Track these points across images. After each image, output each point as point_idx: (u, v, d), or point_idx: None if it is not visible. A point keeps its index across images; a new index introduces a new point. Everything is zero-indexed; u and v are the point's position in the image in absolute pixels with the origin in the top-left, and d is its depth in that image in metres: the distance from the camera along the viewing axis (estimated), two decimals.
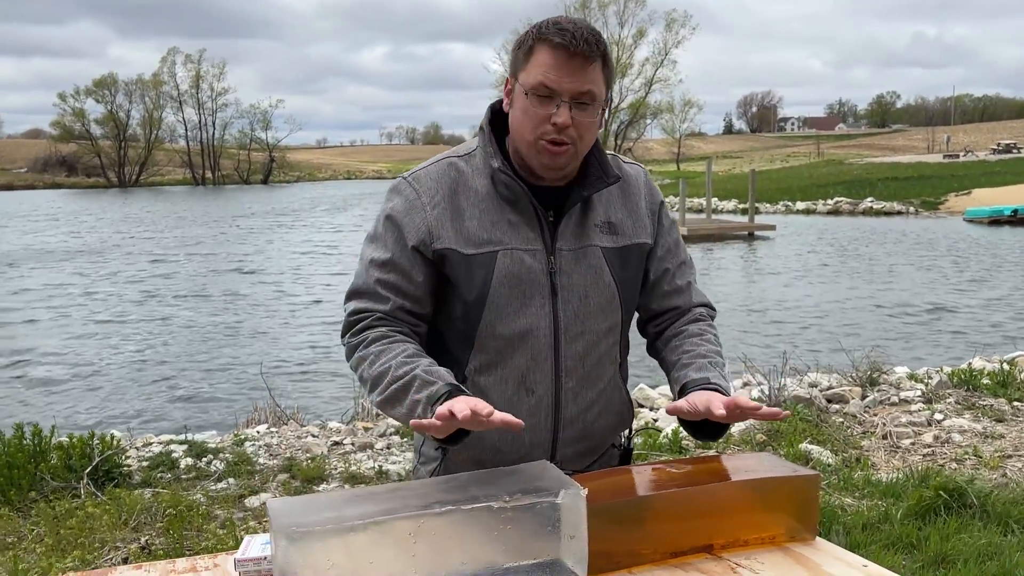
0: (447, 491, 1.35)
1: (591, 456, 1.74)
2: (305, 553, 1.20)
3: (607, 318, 1.67)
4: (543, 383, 1.64)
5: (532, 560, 1.31)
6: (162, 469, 4.56)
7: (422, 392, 1.49)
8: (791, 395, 5.70)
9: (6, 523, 3.79)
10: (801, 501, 1.47)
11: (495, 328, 1.61)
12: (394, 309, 1.62)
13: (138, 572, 1.42)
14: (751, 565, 1.37)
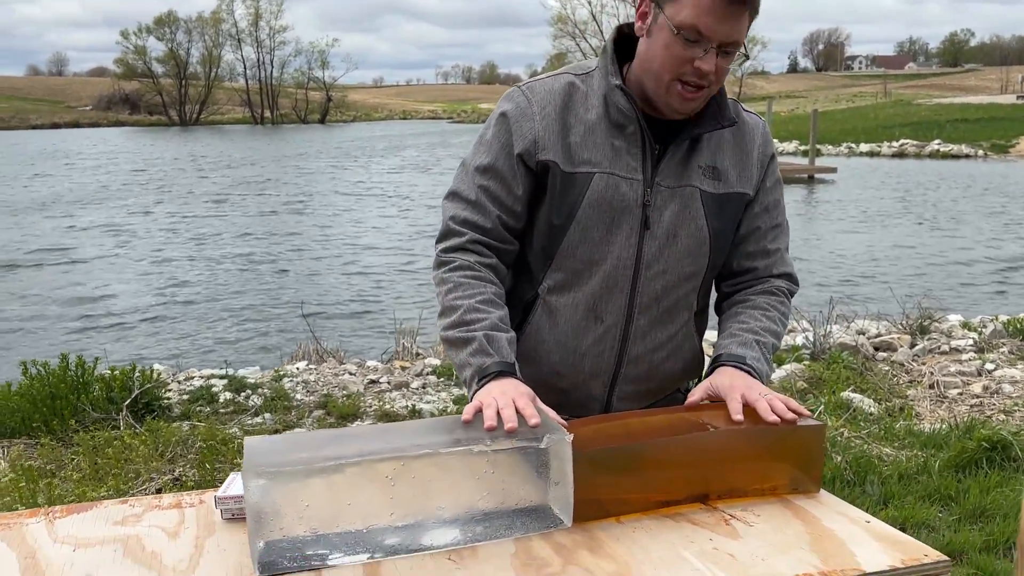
0: (430, 433, 1.31)
1: (651, 398, 1.69)
2: (277, 493, 1.17)
3: (693, 263, 1.61)
4: (614, 314, 1.59)
5: (515, 505, 1.27)
6: (201, 403, 4.63)
7: (475, 359, 1.47)
8: (836, 342, 5.57)
9: (48, 451, 3.90)
10: (805, 452, 1.40)
11: (576, 249, 1.57)
12: (495, 226, 1.58)
13: (123, 506, 1.41)
14: (745, 517, 1.31)
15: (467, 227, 1.58)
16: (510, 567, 1.18)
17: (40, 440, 4.01)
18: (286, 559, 1.18)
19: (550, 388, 1.61)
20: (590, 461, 1.29)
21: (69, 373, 4.41)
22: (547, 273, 1.61)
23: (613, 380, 1.63)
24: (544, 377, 1.61)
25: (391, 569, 1.18)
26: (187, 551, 1.25)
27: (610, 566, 1.17)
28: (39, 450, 3.94)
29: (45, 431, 4.09)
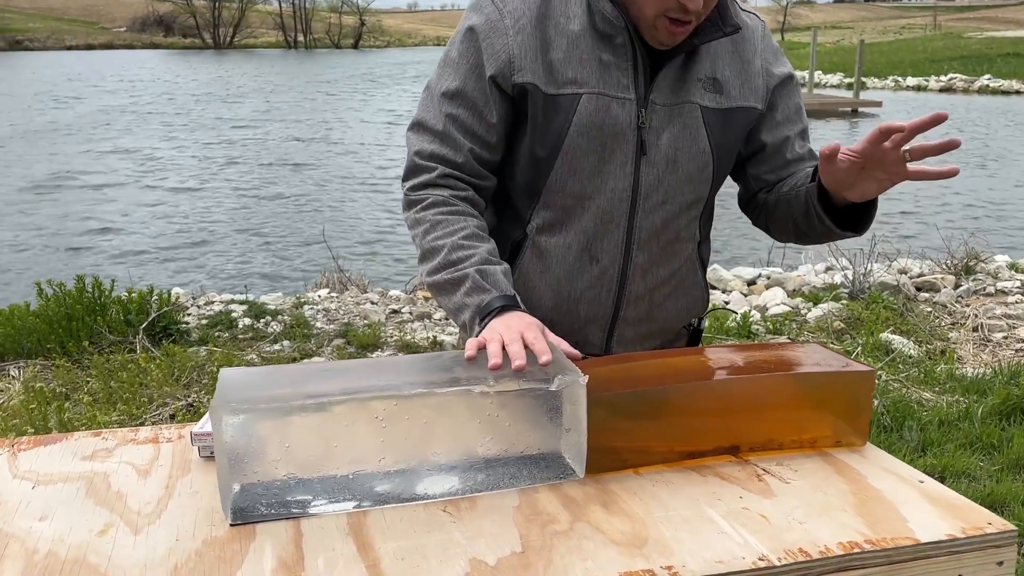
0: (427, 371, 1.17)
1: (653, 340, 1.54)
2: (252, 433, 1.04)
3: (694, 189, 1.44)
4: (610, 253, 1.43)
5: (522, 452, 1.13)
6: (220, 328, 4.55)
7: (472, 298, 1.32)
8: (877, 281, 5.35)
9: (62, 373, 3.84)
10: (851, 400, 1.24)
11: (566, 183, 1.40)
12: (467, 160, 1.41)
13: (96, 439, 1.30)
14: (781, 473, 1.16)
15: (435, 161, 1.41)
16: (512, 522, 1.04)
17: (55, 362, 3.95)
18: (262, 505, 1.06)
19: None
20: (607, 406, 1.15)
21: (86, 295, 4.33)
22: (534, 211, 1.44)
23: (612, 324, 1.47)
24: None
25: (378, 519, 1.05)
26: (156, 492, 1.13)
27: (624, 524, 1.03)
28: (54, 372, 3.89)
29: (60, 353, 4.03)
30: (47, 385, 3.74)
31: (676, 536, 1.00)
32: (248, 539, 1.01)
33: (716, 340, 4.36)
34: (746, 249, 7.57)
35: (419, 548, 0.98)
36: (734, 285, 5.68)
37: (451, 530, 1.02)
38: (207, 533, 1.02)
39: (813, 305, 5.10)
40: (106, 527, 1.04)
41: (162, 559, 0.97)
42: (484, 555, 0.97)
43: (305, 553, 0.98)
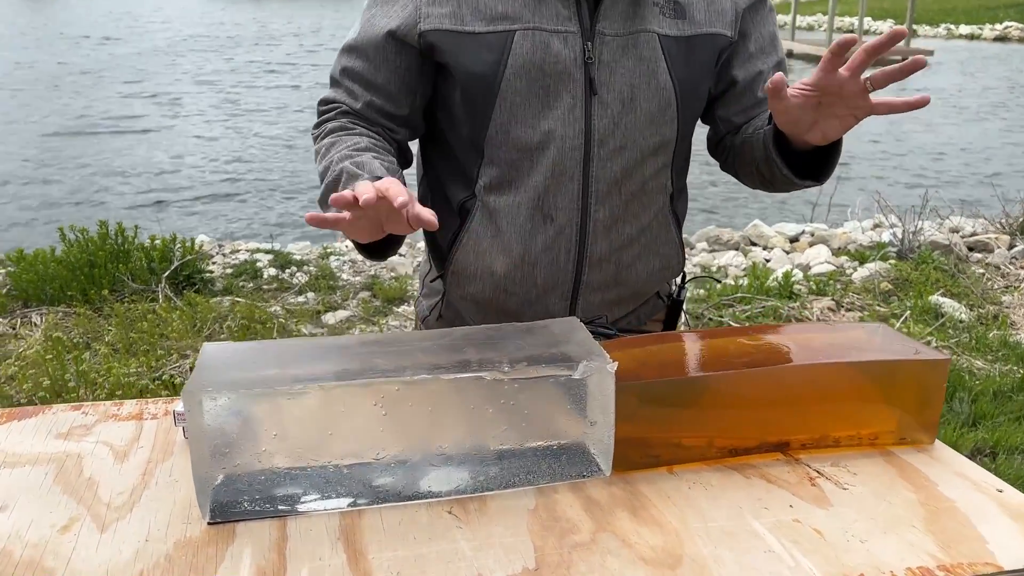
0: (434, 350, 1.03)
1: (625, 306, 1.39)
2: (230, 420, 0.91)
3: (657, 131, 1.27)
4: (566, 210, 1.27)
5: (541, 444, 0.99)
6: (244, 278, 4.46)
7: (347, 187, 1.17)
8: (928, 240, 5.11)
9: (83, 322, 3.77)
10: (920, 392, 1.09)
11: (508, 133, 1.24)
12: (365, 109, 1.30)
13: (75, 413, 1.18)
14: (837, 475, 1.02)
15: (335, 105, 1.32)
16: (526, 530, 0.91)
17: (76, 310, 3.88)
18: (246, 501, 0.93)
19: (499, 309, 1.33)
20: (638, 395, 1.00)
21: (108, 241, 4.25)
22: (480, 169, 1.29)
23: (574, 291, 1.32)
24: (490, 296, 1.33)
25: (374, 522, 0.92)
26: (131, 480, 1.01)
27: (655, 537, 0.89)
28: (75, 320, 3.82)
29: (82, 301, 3.96)
30: (67, 334, 3.68)
31: (716, 554, 0.86)
32: (226, 542, 0.89)
33: (755, 300, 4.19)
34: (790, 203, 7.33)
35: (418, 559, 0.86)
36: (776, 242, 5.47)
37: (456, 538, 0.89)
38: (181, 533, 0.90)
39: (859, 264, 4.89)
40: (70, 522, 0.92)
41: (126, 564, 0.85)
42: (491, 571, 0.84)
43: (288, 561, 0.85)
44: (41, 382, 3.07)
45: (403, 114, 1.32)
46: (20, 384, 3.13)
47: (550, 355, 1.00)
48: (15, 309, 4.08)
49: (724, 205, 7.58)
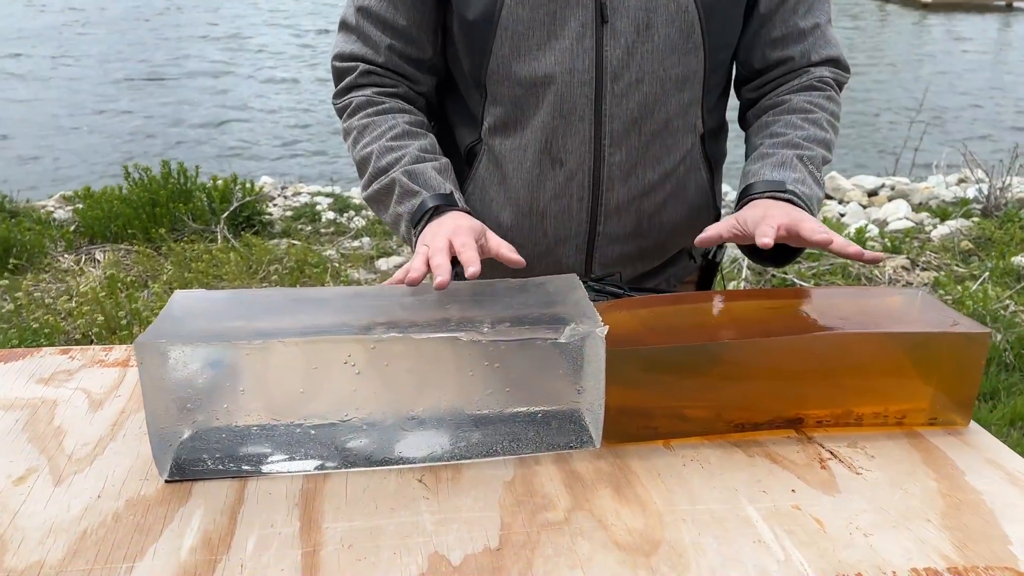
0: (415, 307, 0.96)
1: (649, 261, 1.29)
2: (196, 373, 0.86)
3: (680, 62, 1.15)
4: (576, 152, 1.17)
5: (526, 411, 0.92)
6: (303, 221, 4.46)
7: (403, 204, 1.13)
8: (1015, 197, 4.82)
9: (144, 260, 3.82)
10: (956, 369, 0.97)
11: (510, 67, 1.15)
12: (388, 59, 1.21)
13: (61, 357, 1.15)
14: (852, 458, 0.92)
15: (354, 63, 1.21)
16: (496, 503, 0.84)
17: (138, 248, 3.94)
18: (208, 460, 0.89)
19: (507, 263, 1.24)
20: (639, 362, 0.92)
21: (171, 181, 4.29)
22: (485, 109, 1.20)
23: (590, 243, 1.22)
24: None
25: (338, 488, 0.87)
26: (99, 430, 0.97)
27: (635, 519, 0.81)
28: (135, 258, 3.87)
29: (143, 239, 4.01)
30: (127, 272, 3.73)
31: (697, 542, 0.78)
32: (179, 502, 0.84)
33: (824, 257, 4.01)
34: (872, 154, 7.01)
35: (374, 532, 0.80)
36: (853, 195, 5.22)
37: (420, 509, 0.83)
38: (136, 490, 0.86)
39: (940, 221, 4.63)
40: (27, 473, 0.89)
41: (72, 522, 0.81)
42: (450, 549, 0.77)
43: (238, 527, 0.80)
44: (95, 319, 3.11)
45: (427, 57, 1.23)
46: (75, 320, 3.19)
47: (538, 316, 0.92)
48: (81, 245, 4.17)
49: None
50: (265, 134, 8.74)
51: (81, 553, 0.76)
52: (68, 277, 3.71)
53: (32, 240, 3.93)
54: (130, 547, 0.77)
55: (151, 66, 12.28)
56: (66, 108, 8.98)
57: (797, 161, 1.15)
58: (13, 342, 2.96)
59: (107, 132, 8.23)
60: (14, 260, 3.76)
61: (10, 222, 4.13)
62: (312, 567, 0.75)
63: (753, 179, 1.15)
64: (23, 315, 3.26)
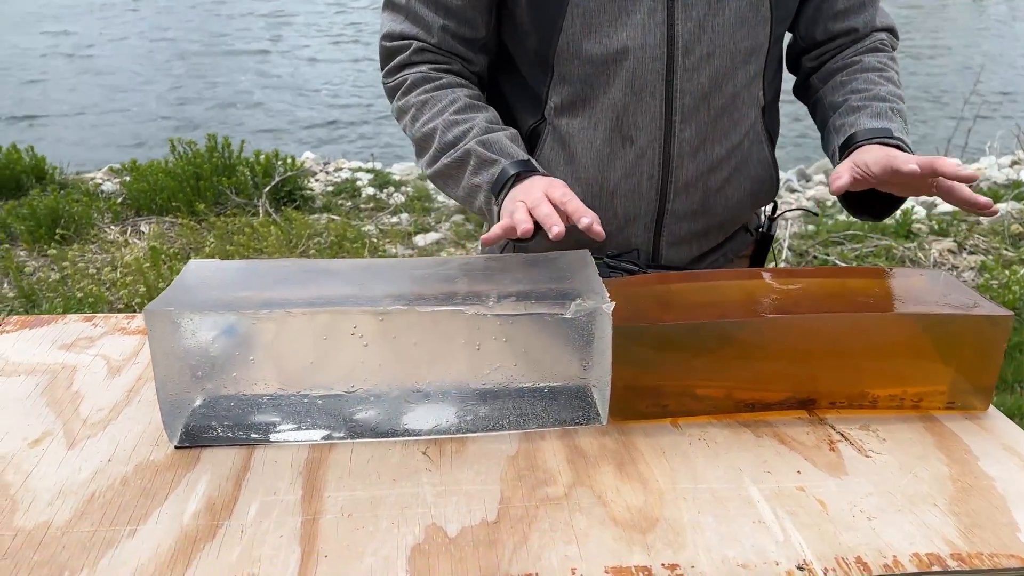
0: (424, 279, 0.96)
1: (712, 238, 1.27)
2: (196, 342, 0.87)
3: (749, 34, 1.13)
4: (647, 129, 1.15)
5: (530, 384, 0.92)
6: (344, 196, 4.49)
7: (481, 174, 1.10)
8: None
9: (187, 232, 3.88)
10: (976, 352, 0.95)
11: (580, 45, 1.12)
12: (442, 39, 1.18)
13: (85, 324, 1.18)
14: (863, 441, 0.90)
15: (406, 41, 1.19)
16: (498, 476, 0.84)
17: (181, 220, 4.00)
18: (218, 427, 0.90)
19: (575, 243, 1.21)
20: (649, 339, 0.91)
21: (215, 154, 4.34)
22: (550, 88, 1.17)
23: (658, 221, 1.20)
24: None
25: (342, 458, 0.87)
26: (115, 396, 0.99)
27: (635, 496, 0.81)
28: (178, 230, 3.94)
29: (187, 212, 4.07)
30: (171, 244, 3.79)
31: (696, 521, 0.77)
32: (187, 468, 0.86)
33: (868, 239, 3.93)
34: (921, 131, 6.84)
35: (373, 502, 0.80)
36: None
37: (421, 481, 0.83)
38: (145, 455, 0.88)
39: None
40: (42, 436, 0.91)
41: (81, 485, 0.83)
42: (447, 521, 0.78)
43: (241, 494, 0.81)
44: (138, 289, 3.17)
45: (480, 37, 1.21)
46: (118, 290, 3.25)
47: (545, 291, 0.91)
48: (127, 217, 4.24)
49: None
50: (308, 110, 8.79)
51: (87, 515, 0.78)
52: (113, 248, 3.78)
53: (80, 211, 4.01)
54: (135, 510, 0.79)
55: (197, 43, 12.39)
56: (114, 83, 9.11)
57: (891, 112, 1.14)
58: (58, 311, 3.03)
59: (155, 108, 8.35)
60: (62, 231, 3.85)
61: (59, 193, 4.22)
62: (310, 534, 0.76)
63: (853, 129, 1.13)
64: (69, 285, 3.34)
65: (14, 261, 3.55)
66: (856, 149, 1.10)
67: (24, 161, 4.56)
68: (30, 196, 4.23)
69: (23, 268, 3.59)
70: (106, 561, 0.72)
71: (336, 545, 0.74)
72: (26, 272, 3.56)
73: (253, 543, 0.74)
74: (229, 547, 0.74)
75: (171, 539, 0.75)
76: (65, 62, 10.32)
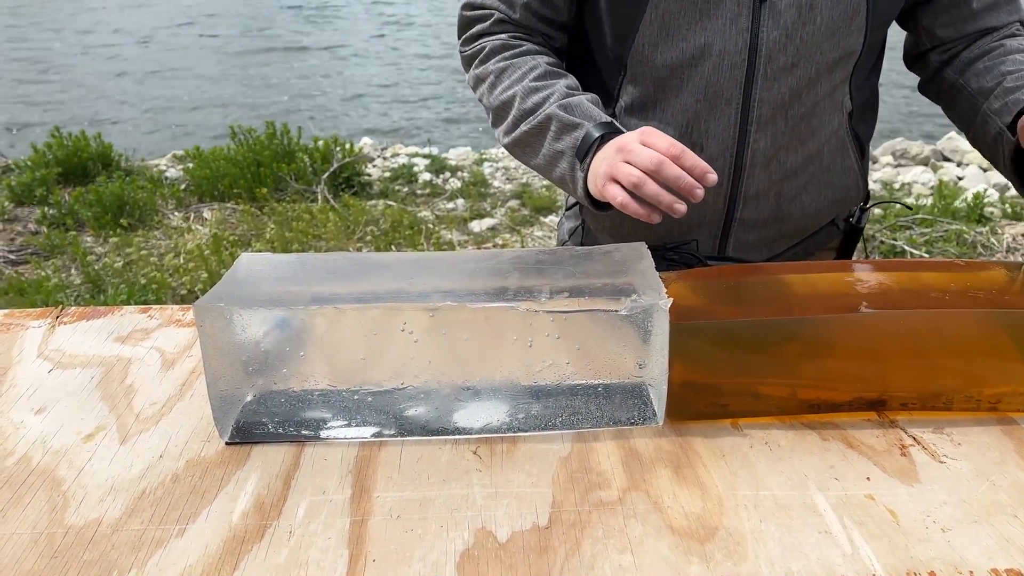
0: (475, 274, 0.94)
1: (787, 241, 1.22)
2: (247, 338, 0.86)
3: (839, 44, 1.07)
4: (720, 138, 1.10)
5: (583, 382, 0.89)
6: (400, 182, 4.49)
7: (563, 139, 1.06)
8: None
9: (247, 219, 3.92)
10: None
11: (656, 50, 1.08)
12: (524, 16, 1.15)
13: (140, 316, 1.18)
14: (936, 445, 0.86)
15: (486, 10, 1.16)
16: (550, 479, 0.82)
17: (242, 207, 4.04)
18: (269, 424, 0.89)
19: (638, 232, 1.18)
20: (709, 336, 0.88)
21: (275, 141, 4.38)
22: (621, 86, 1.12)
23: (725, 229, 1.15)
24: (628, 232, 1.18)
25: (392, 457, 0.86)
26: (169, 389, 0.99)
27: (692, 502, 0.78)
28: (239, 216, 3.98)
29: (247, 199, 4.12)
30: (233, 230, 3.84)
31: (758, 530, 0.74)
32: (237, 465, 0.85)
33: (938, 223, 3.80)
34: None
35: (423, 503, 0.78)
36: (972, 158, 4.93)
37: (471, 482, 0.81)
38: (197, 451, 0.87)
39: None
40: (95, 430, 0.91)
41: (132, 481, 0.82)
42: (498, 525, 0.75)
43: (291, 493, 0.80)
44: (200, 276, 3.22)
45: (561, 20, 1.18)
46: (181, 277, 3.30)
47: (600, 286, 0.88)
48: (191, 203, 4.31)
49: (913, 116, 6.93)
50: (367, 96, 8.82)
51: (137, 513, 0.77)
52: (176, 235, 3.84)
53: (144, 198, 4.08)
54: (184, 509, 0.78)
55: (253, 29, 12.53)
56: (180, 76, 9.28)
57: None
58: (122, 297, 3.08)
59: (219, 97, 8.48)
60: (126, 219, 3.92)
61: (124, 180, 4.30)
62: (358, 537, 0.74)
63: (1022, 105, 1.06)
64: (133, 271, 3.40)
65: (81, 247, 3.62)
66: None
67: (91, 148, 4.66)
68: (96, 183, 4.31)
69: (89, 254, 3.66)
70: (155, 561, 0.72)
71: (384, 549, 0.73)
72: (92, 258, 3.64)
73: (301, 545, 0.73)
74: (277, 548, 0.73)
75: (219, 539, 0.74)
76: (117, 62, 10.52)
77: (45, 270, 3.38)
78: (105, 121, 7.18)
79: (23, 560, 0.71)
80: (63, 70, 9.75)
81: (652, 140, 0.96)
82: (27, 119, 7.38)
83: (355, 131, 6.55)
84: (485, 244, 3.58)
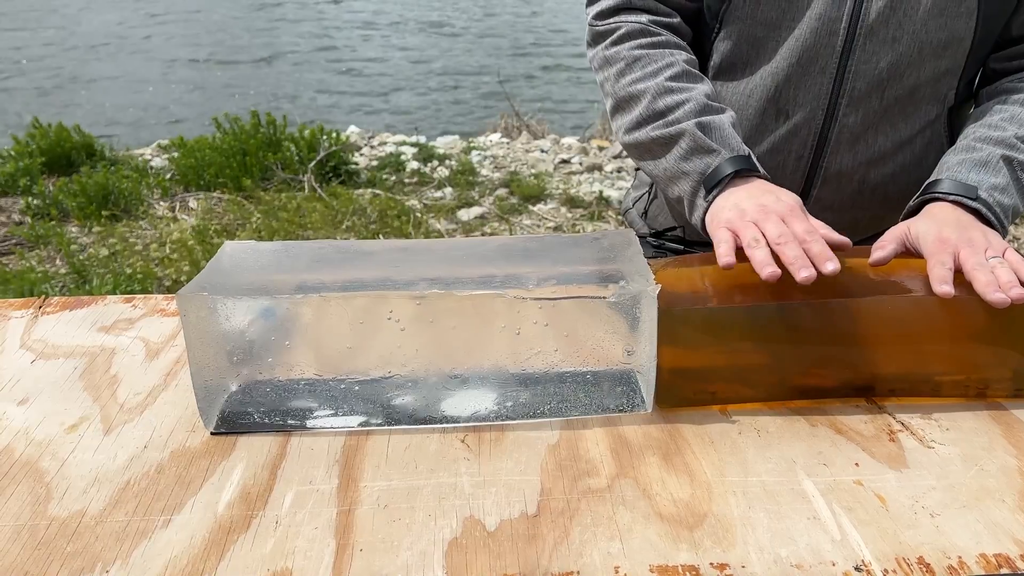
0: (462, 261, 0.93)
1: (860, 232, 1.16)
2: (230, 327, 0.85)
3: (946, 24, 1.02)
4: (807, 106, 1.06)
5: (572, 369, 0.89)
6: (388, 171, 4.47)
7: (692, 161, 1.01)
8: None
9: (233, 208, 3.89)
10: None
11: (756, 6, 1.04)
12: None
13: (124, 306, 1.17)
14: (925, 431, 0.86)
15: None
16: (538, 467, 0.81)
17: (228, 196, 4.02)
18: (255, 413, 0.88)
19: None
20: (697, 322, 0.87)
21: (261, 130, 4.35)
22: (715, 44, 1.09)
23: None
24: None
25: (379, 446, 0.85)
26: (153, 379, 0.98)
27: (681, 489, 0.77)
28: (225, 206, 3.95)
29: (233, 188, 4.09)
30: (219, 220, 3.81)
31: (747, 516, 0.74)
32: (223, 455, 0.84)
33: None
34: None
35: (411, 492, 0.78)
36: None
37: (459, 471, 0.81)
38: (181, 441, 0.86)
39: None
40: (79, 421, 0.90)
41: (116, 472, 0.81)
42: (486, 514, 0.75)
43: (277, 483, 0.80)
44: (182, 267, 3.20)
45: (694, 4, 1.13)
46: (167, 267, 3.28)
47: (587, 273, 0.88)
48: (176, 193, 4.28)
49: None
50: (355, 84, 8.78)
51: (122, 504, 0.77)
52: (162, 224, 3.82)
53: (129, 187, 4.05)
54: (169, 499, 0.77)
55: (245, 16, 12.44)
56: (168, 65, 9.21)
57: (1003, 164, 0.98)
58: (108, 287, 3.06)
59: (204, 86, 8.42)
60: (111, 208, 3.89)
61: (109, 170, 4.26)
62: (345, 526, 0.73)
63: (943, 175, 0.99)
64: (118, 261, 3.37)
65: (65, 237, 3.59)
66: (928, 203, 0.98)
67: (73, 139, 4.61)
68: (80, 173, 4.28)
69: (74, 244, 3.63)
70: (140, 552, 0.71)
71: (371, 538, 0.72)
72: (77, 248, 3.61)
73: (287, 535, 0.73)
74: (263, 539, 0.72)
75: (205, 530, 0.73)
76: (115, 48, 10.44)
77: (30, 260, 3.35)
78: (84, 106, 7.12)
79: (6, 552, 0.70)
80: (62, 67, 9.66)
81: (792, 222, 0.91)
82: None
83: (340, 118, 6.53)
84: (473, 233, 3.57)
